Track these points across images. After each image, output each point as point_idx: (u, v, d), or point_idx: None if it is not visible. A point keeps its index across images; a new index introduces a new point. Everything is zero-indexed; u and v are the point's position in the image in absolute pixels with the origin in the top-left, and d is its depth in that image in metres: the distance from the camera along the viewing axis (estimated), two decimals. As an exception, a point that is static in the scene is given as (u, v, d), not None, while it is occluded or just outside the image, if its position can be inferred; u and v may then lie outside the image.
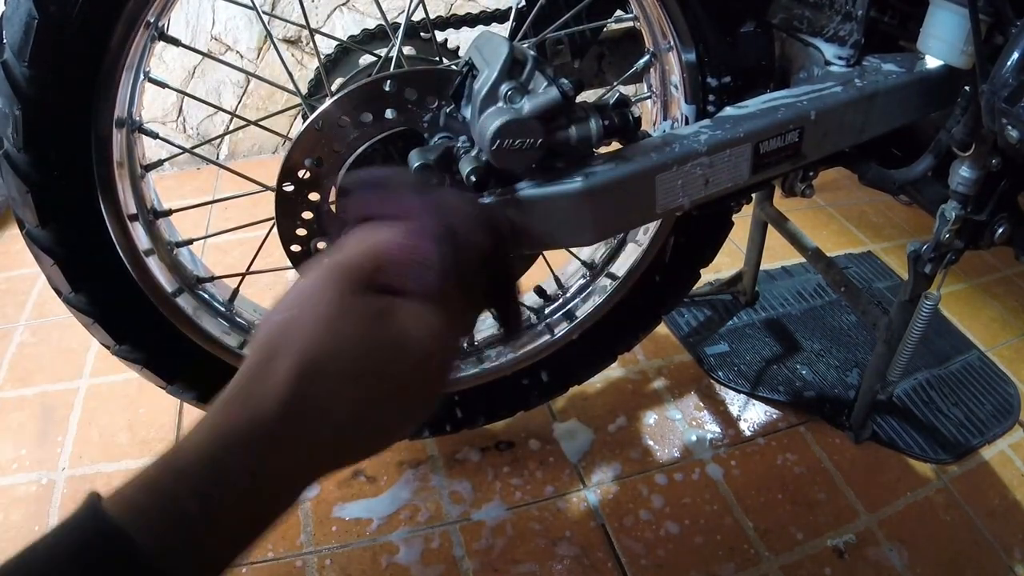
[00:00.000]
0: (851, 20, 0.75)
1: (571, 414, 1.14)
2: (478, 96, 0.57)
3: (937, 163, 0.80)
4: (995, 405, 1.18)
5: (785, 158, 0.70)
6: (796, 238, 1.17)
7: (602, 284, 0.96)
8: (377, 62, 0.79)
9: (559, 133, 0.58)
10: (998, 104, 0.65)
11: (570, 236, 0.64)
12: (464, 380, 0.95)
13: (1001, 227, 0.85)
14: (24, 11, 0.58)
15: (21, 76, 0.60)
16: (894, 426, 1.13)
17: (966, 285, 1.47)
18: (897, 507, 1.01)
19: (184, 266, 0.83)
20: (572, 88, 0.56)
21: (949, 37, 0.71)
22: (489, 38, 0.60)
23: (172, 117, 1.80)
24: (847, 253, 1.53)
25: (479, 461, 1.06)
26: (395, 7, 1.76)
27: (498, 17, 0.97)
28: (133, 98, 0.71)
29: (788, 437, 1.11)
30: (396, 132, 0.67)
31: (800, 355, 1.25)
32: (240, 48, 1.76)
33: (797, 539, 0.97)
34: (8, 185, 0.66)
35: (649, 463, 1.06)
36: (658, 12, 0.75)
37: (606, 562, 0.93)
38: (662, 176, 0.63)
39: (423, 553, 0.93)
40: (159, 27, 0.69)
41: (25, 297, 1.38)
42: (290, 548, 0.93)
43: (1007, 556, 0.96)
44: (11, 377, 1.19)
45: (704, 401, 1.17)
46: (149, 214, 0.78)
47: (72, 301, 0.74)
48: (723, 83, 0.78)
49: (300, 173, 0.68)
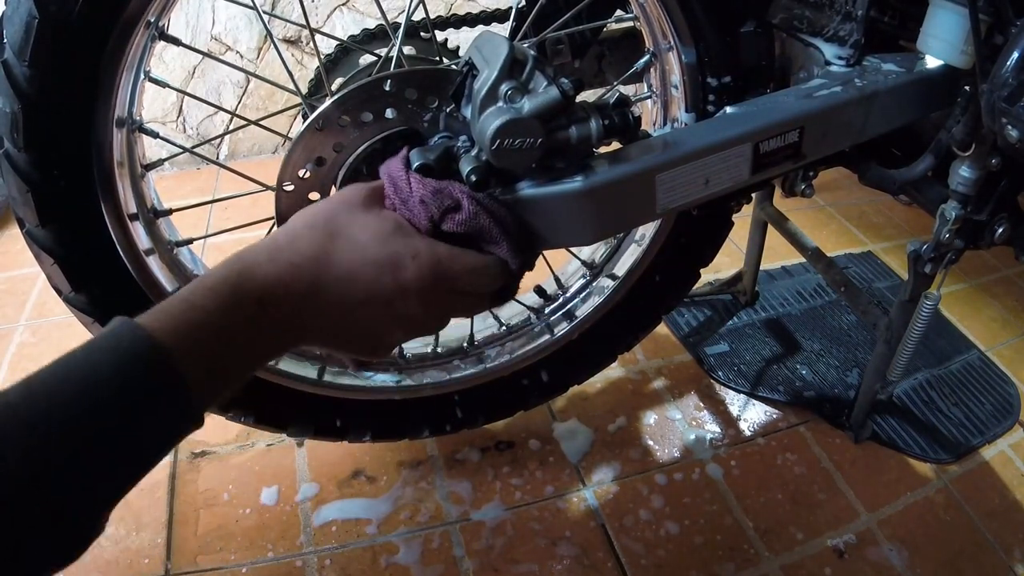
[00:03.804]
0: (851, 20, 0.75)
1: (571, 414, 1.14)
2: (478, 96, 0.57)
3: (937, 163, 0.80)
4: (995, 405, 1.18)
5: (785, 158, 0.70)
6: (796, 238, 1.17)
7: (602, 284, 0.95)
8: (377, 62, 0.79)
9: (559, 133, 0.58)
10: (998, 104, 0.65)
11: (570, 236, 0.64)
12: (464, 380, 0.95)
13: (1001, 227, 0.85)
14: (24, 11, 0.58)
15: (21, 76, 0.60)
16: (894, 426, 1.13)
17: (966, 285, 1.47)
18: (897, 507, 1.01)
19: (184, 266, 0.83)
20: (572, 88, 0.56)
21: (949, 37, 0.71)
22: (489, 38, 0.60)
23: (172, 117, 1.80)
24: (847, 253, 1.54)
25: (479, 461, 1.06)
26: (395, 7, 1.76)
27: (498, 17, 0.97)
28: (133, 98, 0.71)
29: (788, 437, 1.11)
30: (396, 132, 0.67)
31: (800, 355, 1.25)
32: (240, 48, 1.76)
33: (797, 539, 0.97)
34: (8, 185, 0.66)
35: (649, 463, 1.06)
36: (658, 12, 0.75)
37: (606, 562, 0.93)
38: (662, 176, 0.63)
39: (423, 553, 0.93)
40: (159, 27, 0.69)
41: (25, 297, 1.38)
42: (290, 548, 0.93)
43: (1007, 556, 0.96)
44: (11, 377, 1.19)
45: (704, 401, 1.17)
46: (149, 213, 0.78)
47: (72, 301, 0.73)
48: (723, 83, 0.78)
49: (300, 173, 0.68)
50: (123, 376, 0.38)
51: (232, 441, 1.06)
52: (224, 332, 0.43)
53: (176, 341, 0.40)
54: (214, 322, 0.43)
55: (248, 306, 0.45)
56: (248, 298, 0.45)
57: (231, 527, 0.95)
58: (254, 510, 0.97)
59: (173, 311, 0.42)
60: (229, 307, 0.44)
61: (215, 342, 0.43)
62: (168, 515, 0.96)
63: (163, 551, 0.91)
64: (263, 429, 0.90)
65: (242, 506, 0.98)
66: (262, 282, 0.46)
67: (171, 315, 0.42)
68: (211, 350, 0.42)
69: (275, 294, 0.46)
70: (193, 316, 0.42)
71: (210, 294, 0.44)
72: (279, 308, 0.46)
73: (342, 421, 0.92)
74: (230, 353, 0.44)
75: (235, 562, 0.91)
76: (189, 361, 0.40)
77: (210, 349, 0.42)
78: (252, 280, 0.46)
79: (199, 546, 0.92)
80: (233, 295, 0.45)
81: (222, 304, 0.44)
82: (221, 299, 0.44)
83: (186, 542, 0.93)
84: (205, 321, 0.42)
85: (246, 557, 0.91)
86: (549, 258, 0.92)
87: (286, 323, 0.47)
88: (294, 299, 0.47)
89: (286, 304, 0.47)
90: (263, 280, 0.46)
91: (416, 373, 0.94)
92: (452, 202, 0.54)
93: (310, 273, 0.48)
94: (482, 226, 0.55)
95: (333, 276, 0.49)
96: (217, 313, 0.43)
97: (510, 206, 0.58)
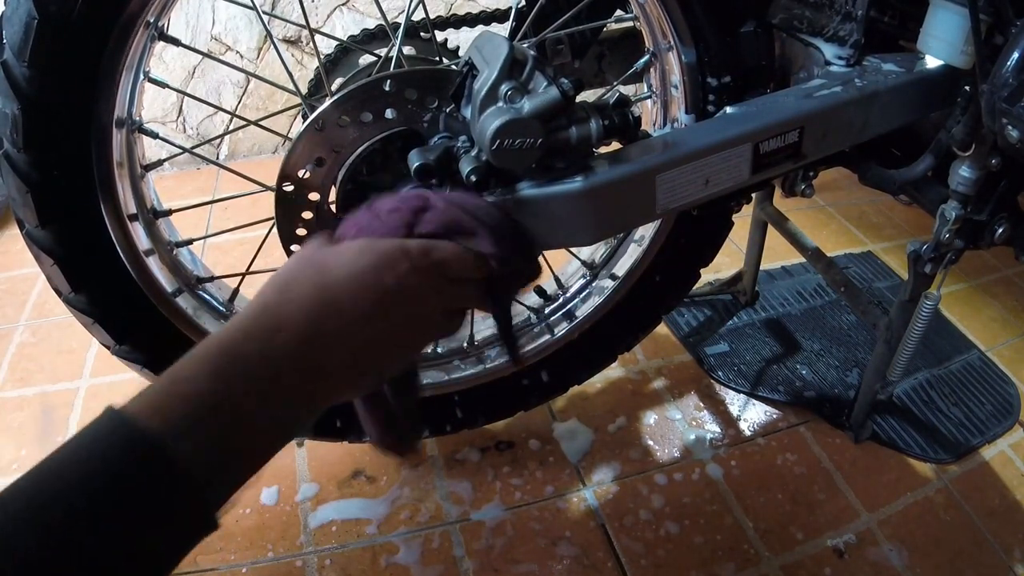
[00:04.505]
0: (851, 20, 0.75)
1: (571, 414, 1.14)
2: (478, 96, 0.57)
3: (937, 163, 0.80)
4: (995, 405, 1.18)
5: (785, 158, 0.70)
6: (796, 238, 1.17)
7: (602, 284, 0.95)
8: (377, 62, 0.79)
9: (559, 133, 0.58)
10: (998, 104, 0.65)
11: (570, 236, 0.64)
12: (464, 380, 0.95)
13: (1001, 227, 0.85)
14: (24, 11, 0.58)
15: (21, 76, 0.60)
16: (894, 426, 1.13)
17: (966, 285, 1.47)
18: (897, 507, 1.01)
19: (184, 266, 0.83)
20: (572, 88, 0.56)
21: (949, 37, 0.71)
22: (489, 38, 0.60)
23: (172, 117, 1.80)
24: (847, 253, 1.53)
25: (479, 461, 1.06)
26: (395, 7, 1.76)
27: (498, 17, 0.97)
28: (133, 98, 0.71)
29: (788, 437, 1.11)
30: (396, 132, 0.67)
31: (800, 355, 1.25)
32: (240, 48, 1.76)
33: (797, 539, 0.96)
34: (8, 185, 0.66)
35: (649, 463, 1.06)
36: (658, 12, 0.75)
37: (606, 562, 0.93)
38: (662, 176, 0.63)
39: (423, 553, 0.93)
40: (159, 27, 0.69)
41: (25, 297, 1.38)
42: (290, 548, 0.93)
43: (1007, 556, 0.96)
44: (11, 377, 1.19)
45: (704, 401, 1.17)
46: (149, 214, 0.78)
47: (72, 301, 0.73)
48: (723, 83, 0.78)
49: (300, 173, 0.68)
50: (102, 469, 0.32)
51: (232, 441, 1.06)
52: (223, 400, 0.37)
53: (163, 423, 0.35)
54: (207, 390, 0.37)
55: (249, 366, 0.39)
56: (247, 357, 0.39)
57: (231, 527, 0.95)
58: (254, 510, 0.97)
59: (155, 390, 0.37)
60: (223, 371, 0.38)
61: (213, 415, 0.37)
62: (168, 515, 0.96)
63: (163, 551, 0.91)
64: (263, 429, 0.90)
65: (242, 506, 0.98)
66: (258, 336, 0.40)
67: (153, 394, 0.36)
68: (211, 425, 0.36)
69: (277, 342, 0.41)
70: (181, 389, 0.37)
71: (199, 364, 0.38)
72: (288, 355, 0.41)
73: (342, 421, 0.92)
74: (237, 425, 0.38)
75: (235, 562, 0.91)
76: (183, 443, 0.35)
77: (209, 424, 0.36)
78: (244, 339, 0.40)
79: (199, 546, 0.92)
80: (226, 358, 0.38)
81: (215, 369, 0.38)
82: (213, 367, 0.38)
83: (186, 542, 0.93)
84: (196, 392, 0.37)
85: (246, 557, 0.91)
86: (549, 258, 0.92)
87: (299, 372, 0.41)
88: (303, 338, 0.42)
89: (294, 348, 0.41)
90: (258, 335, 0.41)
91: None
92: (420, 202, 0.53)
93: (315, 303, 0.43)
94: (455, 219, 0.53)
95: (338, 299, 0.45)
96: (208, 381, 0.37)
97: (486, 200, 0.58)
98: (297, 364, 0.41)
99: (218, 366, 0.38)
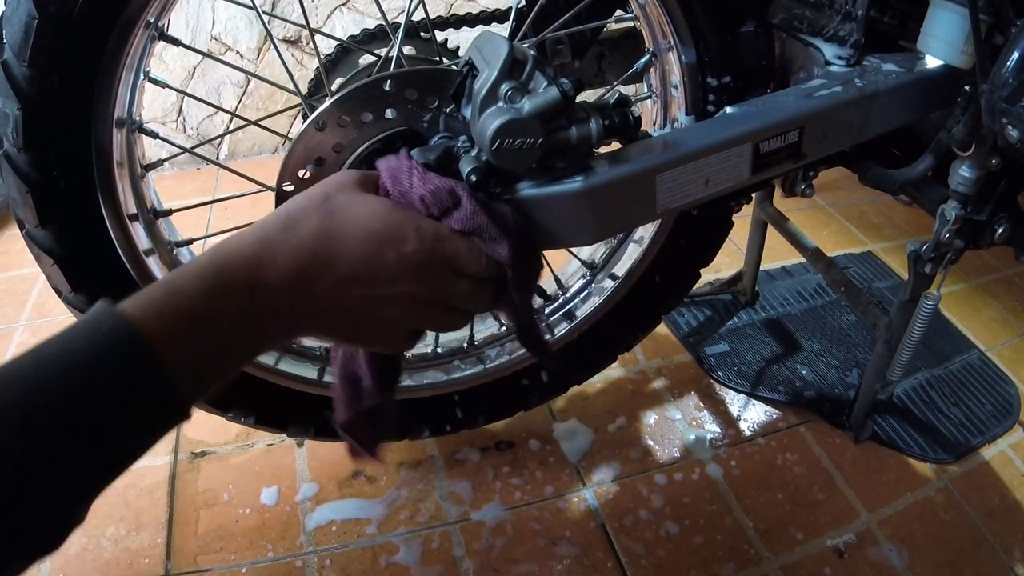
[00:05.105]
0: (851, 20, 0.75)
1: (571, 414, 1.14)
2: (478, 96, 0.57)
3: (937, 163, 0.80)
4: (995, 405, 1.18)
5: (785, 158, 0.70)
6: (796, 238, 1.17)
7: (602, 284, 0.95)
8: (377, 62, 0.79)
9: (559, 133, 0.58)
10: (998, 104, 0.65)
11: (570, 236, 0.64)
12: (464, 380, 0.95)
13: (1001, 227, 0.85)
14: (24, 11, 0.58)
15: (21, 76, 0.60)
16: (894, 426, 1.13)
17: (966, 285, 1.47)
18: (897, 507, 1.01)
19: (184, 266, 0.83)
20: (572, 88, 0.55)
21: (949, 37, 0.71)
22: (489, 38, 0.60)
23: (172, 117, 1.80)
24: (847, 253, 1.53)
25: (479, 461, 1.06)
26: (395, 7, 1.76)
27: (498, 17, 0.97)
28: (133, 98, 0.71)
29: (788, 437, 1.11)
30: (396, 132, 0.67)
31: (800, 355, 1.25)
32: (240, 48, 1.76)
33: (797, 539, 0.97)
34: (8, 185, 0.66)
35: (649, 463, 1.06)
36: (658, 12, 0.75)
37: (606, 562, 0.93)
38: (662, 176, 0.63)
39: (423, 553, 0.93)
40: (159, 27, 0.69)
41: (25, 297, 1.38)
42: (290, 548, 0.93)
43: (1007, 556, 0.96)
44: (11, 377, 1.19)
45: (704, 401, 1.17)
46: (149, 214, 0.78)
47: (72, 301, 0.73)
48: (723, 83, 0.78)
49: (300, 173, 0.68)
50: (101, 362, 0.36)
51: (232, 441, 1.06)
52: (209, 320, 0.41)
53: (158, 328, 0.38)
54: (197, 309, 0.41)
55: (236, 293, 0.43)
56: (235, 284, 0.43)
57: (231, 527, 0.95)
58: (254, 510, 0.97)
59: (155, 296, 0.40)
60: (215, 294, 0.42)
61: (198, 330, 0.40)
62: (168, 515, 0.96)
63: (163, 551, 0.91)
64: (263, 429, 0.90)
65: (242, 506, 0.98)
66: (250, 266, 0.44)
67: (153, 300, 0.40)
68: (195, 338, 0.40)
69: (265, 279, 0.44)
70: (176, 302, 0.40)
71: (195, 280, 0.42)
72: (270, 294, 0.44)
73: (342, 421, 0.92)
74: (215, 343, 0.42)
75: (235, 562, 0.91)
76: (171, 349, 0.38)
77: (194, 337, 0.40)
78: (239, 265, 0.43)
79: (199, 546, 0.92)
80: (219, 280, 0.42)
81: (207, 290, 0.41)
82: (206, 284, 0.42)
83: (186, 542, 0.93)
84: (188, 307, 0.40)
85: (246, 557, 0.91)
86: (549, 258, 0.92)
87: (278, 311, 0.45)
88: (287, 283, 0.45)
89: (278, 289, 0.44)
90: (251, 264, 0.44)
91: (416, 373, 0.94)
92: (452, 201, 0.54)
93: (308, 253, 0.45)
94: (481, 225, 0.54)
95: (333, 254, 0.46)
96: (201, 299, 0.41)
97: (513, 205, 0.58)
98: (275, 308, 0.45)
99: (211, 287, 0.42)
